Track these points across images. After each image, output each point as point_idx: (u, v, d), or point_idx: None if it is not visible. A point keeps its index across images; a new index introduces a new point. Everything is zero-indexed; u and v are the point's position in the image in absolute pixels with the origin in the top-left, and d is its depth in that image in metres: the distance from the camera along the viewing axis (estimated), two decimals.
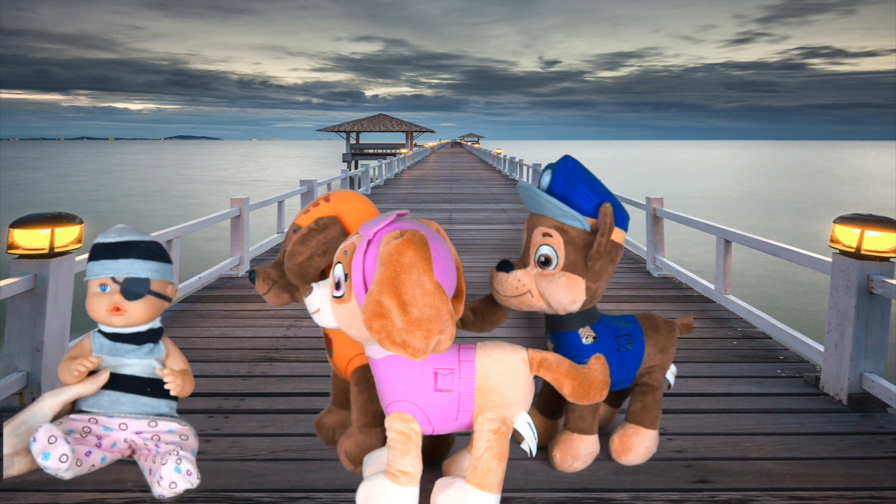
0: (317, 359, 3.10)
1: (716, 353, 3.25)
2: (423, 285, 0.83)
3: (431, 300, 0.82)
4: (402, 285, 0.82)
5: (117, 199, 24.59)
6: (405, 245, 0.84)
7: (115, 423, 1.23)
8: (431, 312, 0.82)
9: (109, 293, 1.13)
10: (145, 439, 1.26)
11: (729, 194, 27.18)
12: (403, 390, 1.16)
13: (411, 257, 0.82)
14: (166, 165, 58.94)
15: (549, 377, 1.32)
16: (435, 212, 9.80)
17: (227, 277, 4.99)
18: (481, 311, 1.86)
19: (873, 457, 2.12)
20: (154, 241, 1.24)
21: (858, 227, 2.64)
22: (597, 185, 1.77)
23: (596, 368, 1.52)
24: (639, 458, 1.97)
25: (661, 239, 5.35)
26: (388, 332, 0.84)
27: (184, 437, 1.30)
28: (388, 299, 0.82)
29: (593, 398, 1.27)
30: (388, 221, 0.96)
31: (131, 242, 1.17)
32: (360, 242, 0.96)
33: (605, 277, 1.80)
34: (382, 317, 0.83)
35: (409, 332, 0.83)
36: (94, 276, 1.18)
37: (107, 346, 1.20)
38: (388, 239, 0.88)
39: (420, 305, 0.82)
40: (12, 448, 1.04)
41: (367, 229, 0.98)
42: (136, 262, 1.16)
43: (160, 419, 1.28)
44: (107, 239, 1.20)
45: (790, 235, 14.94)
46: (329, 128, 42.80)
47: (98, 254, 1.19)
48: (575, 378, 1.28)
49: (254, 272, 1.59)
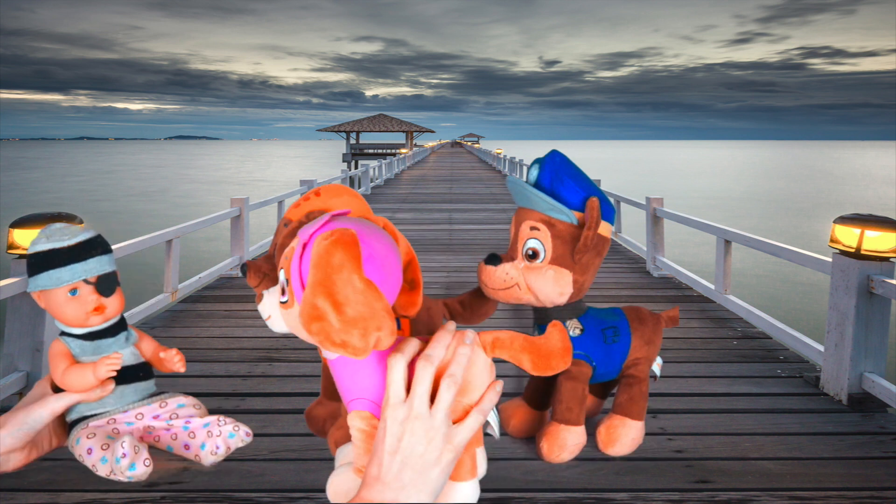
0: (317, 359, 3.10)
1: (716, 353, 3.25)
2: (354, 284, 0.83)
3: (363, 297, 0.82)
4: (333, 286, 0.82)
5: (117, 199, 24.59)
6: (333, 245, 0.84)
7: (131, 415, 1.23)
8: (366, 310, 0.82)
9: (83, 295, 1.11)
10: (167, 420, 1.25)
11: (729, 194, 27.19)
12: (359, 388, 1.17)
13: (340, 257, 0.82)
14: (166, 165, 58.96)
15: (505, 356, 1.32)
16: (435, 212, 9.80)
17: (227, 277, 4.99)
18: (469, 303, 1.89)
19: (873, 457, 2.12)
20: (97, 233, 1.23)
21: (858, 227, 2.64)
22: (583, 179, 1.79)
23: (553, 336, 1.52)
24: (625, 449, 1.98)
25: (661, 239, 5.35)
26: (326, 334, 0.84)
27: (198, 407, 1.30)
28: (322, 301, 0.82)
29: (556, 367, 1.27)
30: (323, 223, 0.97)
31: (90, 240, 1.16)
32: (297, 246, 0.96)
33: (592, 271, 1.82)
34: (319, 319, 0.83)
35: (346, 332, 0.83)
36: (62, 284, 1.15)
37: (88, 346, 1.18)
38: (319, 240, 0.89)
39: (354, 304, 0.82)
40: (9, 448, 1.04)
41: (303, 233, 0.98)
42: (101, 259, 1.14)
43: (166, 398, 1.27)
44: (63, 243, 1.17)
45: (790, 235, 14.94)
46: (329, 128, 42.80)
47: (59, 260, 1.17)
48: (531, 351, 1.27)
49: (245, 265, 1.60)
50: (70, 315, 1.19)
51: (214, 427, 1.22)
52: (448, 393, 0.68)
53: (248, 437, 1.27)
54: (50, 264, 1.19)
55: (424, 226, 8.22)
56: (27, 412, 1.07)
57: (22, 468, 1.03)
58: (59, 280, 1.18)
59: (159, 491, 1.84)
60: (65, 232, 1.20)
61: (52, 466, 1.95)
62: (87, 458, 1.08)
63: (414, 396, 0.65)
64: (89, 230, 1.22)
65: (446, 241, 7.00)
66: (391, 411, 0.65)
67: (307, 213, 1.53)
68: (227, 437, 1.24)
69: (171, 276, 4.11)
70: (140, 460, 1.09)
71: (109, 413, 1.21)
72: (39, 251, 1.19)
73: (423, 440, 0.62)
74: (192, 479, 1.92)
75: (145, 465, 1.09)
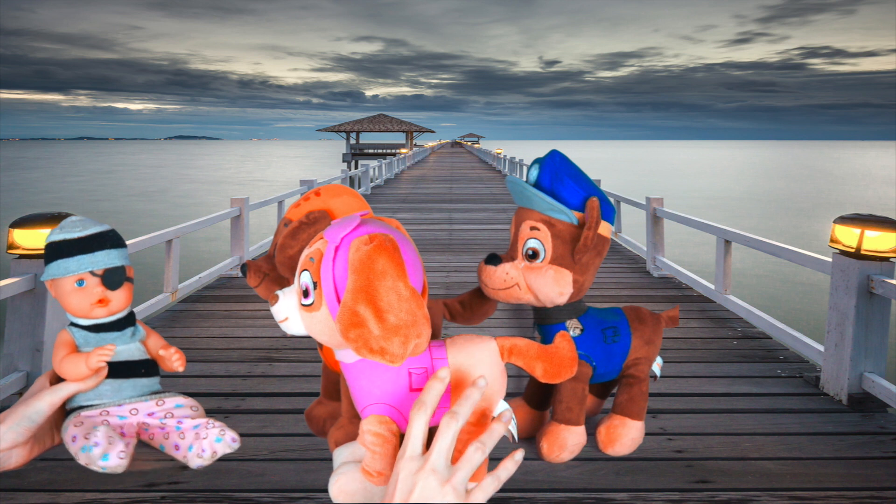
0: (317, 359, 3.10)
1: (716, 353, 3.25)
2: (399, 291, 0.83)
3: (408, 305, 0.82)
4: (376, 293, 0.81)
5: (117, 199, 24.59)
6: (376, 251, 0.83)
7: (125, 410, 1.23)
8: (408, 318, 0.82)
9: (89, 287, 1.13)
10: (160, 419, 1.25)
11: (729, 194, 27.18)
12: (379, 393, 1.16)
13: (384, 263, 0.82)
14: (166, 165, 58.96)
15: (520, 363, 1.34)
16: (435, 212, 9.80)
17: (227, 277, 4.99)
18: (469, 303, 1.90)
19: (873, 457, 2.12)
20: (112, 228, 1.24)
21: (858, 227, 2.64)
22: (583, 179, 1.79)
23: (562, 346, 1.54)
24: (625, 449, 1.98)
25: (661, 239, 5.35)
26: (365, 341, 0.84)
27: (195, 409, 1.30)
28: (363, 308, 0.82)
29: (565, 376, 1.29)
30: (354, 226, 0.96)
31: (101, 234, 1.17)
32: (326, 249, 0.95)
33: (592, 270, 1.82)
34: (359, 326, 0.82)
35: (386, 339, 0.83)
36: (69, 274, 1.17)
37: (92, 338, 1.19)
38: (357, 245, 0.88)
39: (396, 311, 0.82)
40: (11, 443, 1.04)
41: (332, 234, 0.97)
42: (111, 253, 1.16)
43: (165, 396, 1.27)
44: (73, 234, 1.19)
45: (790, 235, 14.94)
46: (329, 128, 42.79)
47: (69, 250, 1.18)
48: (545, 359, 1.29)
49: (245, 265, 1.61)
50: (75, 305, 1.21)
51: (203, 430, 1.23)
52: (474, 458, 0.65)
53: (234, 442, 1.27)
54: (59, 254, 1.22)
55: (424, 226, 8.22)
56: (27, 406, 1.07)
57: (25, 464, 1.03)
58: (66, 269, 1.20)
59: (159, 491, 1.84)
60: (77, 224, 1.23)
61: (52, 466, 1.95)
62: (70, 445, 1.08)
63: (433, 451, 0.63)
64: (102, 224, 1.23)
65: (446, 241, 7.00)
66: (406, 463, 0.63)
67: (307, 212, 1.54)
68: (213, 441, 1.24)
69: (171, 276, 4.11)
70: (114, 451, 1.08)
71: (104, 405, 1.21)
72: (52, 241, 1.21)
73: (437, 496, 0.60)
74: (192, 479, 1.92)
75: (119, 458, 1.08)
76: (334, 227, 1.00)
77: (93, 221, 1.27)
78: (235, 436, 1.28)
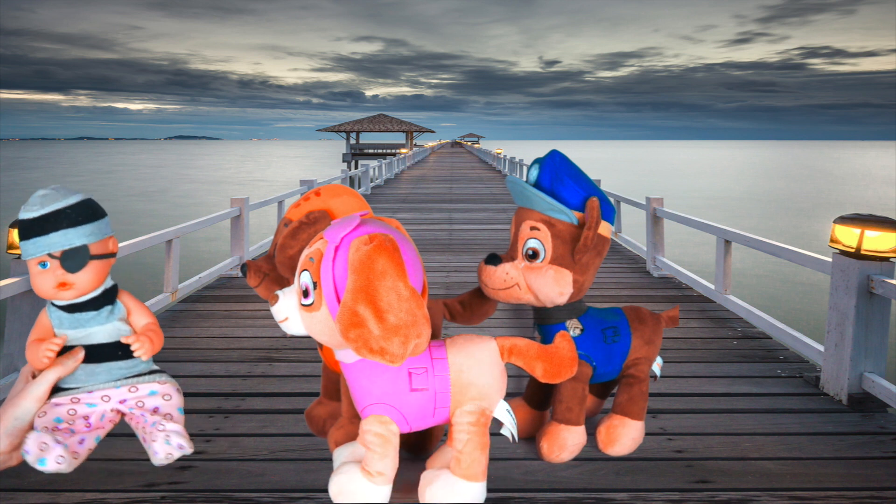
0: (317, 359, 3.10)
1: (716, 353, 3.25)
2: (399, 291, 0.83)
3: (408, 305, 0.82)
4: (376, 293, 0.81)
5: (117, 199, 24.58)
6: (376, 251, 0.83)
7: (96, 397, 1.19)
8: (408, 318, 0.82)
9: (51, 269, 1.08)
10: (130, 408, 1.22)
11: (729, 194, 27.18)
12: (379, 393, 1.16)
13: (384, 263, 0.82)
14: (166, 165, 58.95)
15: (520, 363, 1.33)
16: (435, 212, 9.80)
17: (227, 277, 4.99)
18: (469, 303, 1.90)
19: (873, 457, 2.12)
20: (81, 200, 1.17)
21: (858, 227, 2.64)
22: (583, 179, 1.79)
23: (562, 346, 1.54)
24: (625, 449, 1.98)
25: (661, 239, 5.35)
26: (365, 341, 0.83)
27: (167, 398, 1.26)
28: (363, 308, 0.82)
29: (565, 376, 1.29)
30: (354, 226, 0.96)
31: (57, 212, 1.11)
32: (326, 249, 0.95)
33: (592, 270, 1.82)
34: (358, 326, 0.82)
35: (386, 339, 0.82)
36: (28, 257, 1.12)
37: (66, 319, 1.14)
38: (357, 245, 0.88)
39: (396, 312, 0.82)
40: (9, 446, 1.03)
41: (332, 234, 0.96)
42: (68, 233, 1.10)
43: (140, 382, 1.23)
44: (31, 214, 1.13)
45: (790, 235, 14.94)
46: (329, 128, 42.78)
47: (27, 231, 1.13)
48: (545, 359, 1.29)
49: (245, 265, 1.59)
50: (39, 288, 1.14)
51: (155, 432, 1.20)
52: None
53: (181, 449, 1.23)
54: (22, 236, 1.15)
55: (424, 226, 8.22)
56: (14, 407, 1.06)
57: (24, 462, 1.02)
58: (26, 252, 1.13)
59: (159, 491, 1.84)
60: (36, 202, 1.14)
61: None
62: (26, 439, 1.04)
63: None
64: (69, 197, 1.13)
65: (446, 241, 7.01)
66: None
67: (307, 212, 1.54)
68: (163, 444, 1.22)
69: (171, 276, 4.11)
70: (51, 456, 1.04)
71: (76, 390, 1.16)
72: (19, 220, 1.15)
73: None
74: (192, 479, 1.92)
75: (57, 463, 1.05)
76: (334, 227, 1.00)
77: (61, 193, 1.17)
78: (183, 442, 1.25)
